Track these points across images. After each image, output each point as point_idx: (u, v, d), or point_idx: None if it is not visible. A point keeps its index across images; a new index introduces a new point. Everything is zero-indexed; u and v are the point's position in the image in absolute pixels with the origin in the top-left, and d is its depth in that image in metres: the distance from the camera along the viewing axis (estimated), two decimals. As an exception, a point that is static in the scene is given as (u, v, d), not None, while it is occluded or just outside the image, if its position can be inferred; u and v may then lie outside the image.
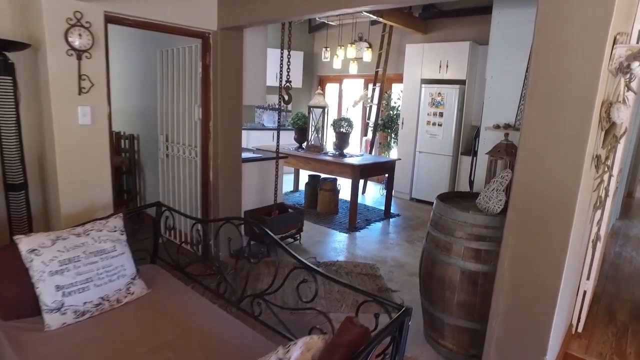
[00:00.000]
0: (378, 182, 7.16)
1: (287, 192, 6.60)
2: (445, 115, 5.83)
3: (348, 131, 5.16)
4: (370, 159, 5.16)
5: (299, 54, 8.04)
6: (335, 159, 4.95)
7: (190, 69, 3.70)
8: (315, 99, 5.42)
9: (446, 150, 5.89)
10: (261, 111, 8.32)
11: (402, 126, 6.38)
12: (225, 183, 3.73)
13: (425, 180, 6.15)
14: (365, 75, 7.68)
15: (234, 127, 3.72)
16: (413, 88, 6.18)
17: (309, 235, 4.57)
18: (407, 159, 6.33)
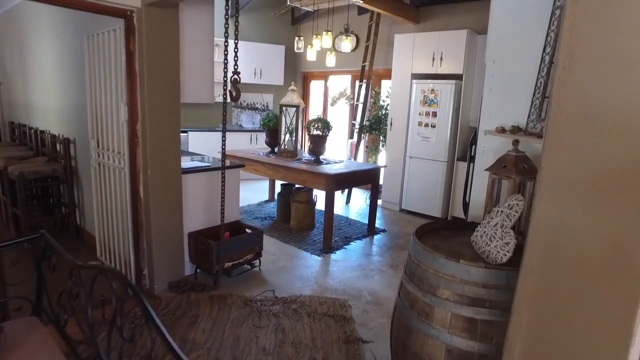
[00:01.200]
0: (366, 189, 6.41)
1: (260, 201, 5.85)
2: (439, 115, 5.08)
3: (324, 134, 4.41)
4: (350, 166, 4.42)
5: (279, 47, 7.31)
6: (308, 167, 4.20)
7: (115, 58, 2.96)
8: (288, 96, 4.67)
9: (440, 156, 5.14)
10: (239, 111, 7.57)
11: (390, 128, 5.63)
12: (159, 199, 2.99)
13: (417, 189, 5.41)
14: (352, 70, 6.93)
15: (169, 130, 2.98)
16: (403, 84, 5.43)
17: (273, 258, 3.82)
18: (396, 165, 5.58)
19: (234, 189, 3.55)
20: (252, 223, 4.85)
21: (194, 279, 3.31)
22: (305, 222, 4.68)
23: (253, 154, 4.96)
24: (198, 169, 3.29)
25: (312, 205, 4.70)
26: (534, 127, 1.79)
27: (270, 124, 4.87)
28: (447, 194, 5.22)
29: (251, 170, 4.80)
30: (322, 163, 4.44)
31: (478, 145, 2.25)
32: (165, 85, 2.87)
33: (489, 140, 2.15)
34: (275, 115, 4.88)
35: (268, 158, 4.68)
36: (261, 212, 5.34)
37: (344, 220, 5.13)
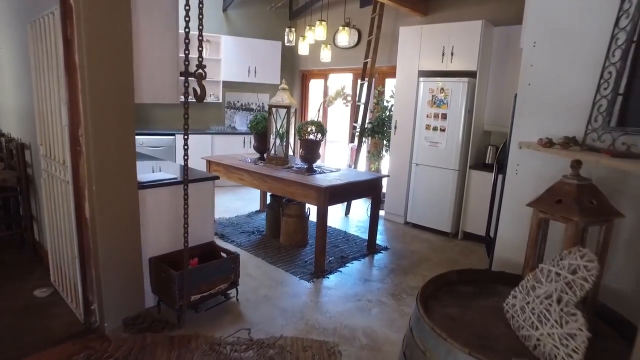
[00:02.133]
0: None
1: (251, 212, 5.31)
2: (449, 117, 4.50)
3: (318, 139, 3.86)
4: (347, 176, 3.85)
5: (275, 44, 6.77)
6: (297, 177, 3.65)
7: (56, 49, 2.43)
8: (278, 95, 4.13)
9: (450, 163, 4.56)
10: (232, 112, 7.04)
11: (394, 131, 5.06)
12: (109, 220, 2.45)
13: (424, 200, 4.83)
14: (354, 68, 6.37)
15: (120, 136, 2.44)
16: (408, 82, 4.85)
17: (255, 285, 3.28)
18: (401, 173, 5.01)
19: (207, 204, 3.01)
20: (238, 238, 4.31)
21: (157, 313, 2.78)
22: (297, 238, 4.13)
23: (240, 160, 4.42)
24: (161, 183, 2.75)
25: (304, 219, 4.15)
26: (598, 139, 1.23)
27: (258, 127, 4.33)
28: (458, 206, 4.63)
29: (236, 179, 4.26)
30: (315, 172, 3.88)
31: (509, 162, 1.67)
32: (113, 82, 2.34)
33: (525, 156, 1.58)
34: (265, 117, 4.34)
35: (255, 166, 4.13)
36: (250, 224, 4.80)
37: (341, 236, 4.57)
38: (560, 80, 1.48)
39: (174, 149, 6.15)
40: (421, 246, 4.38)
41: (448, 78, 4.49)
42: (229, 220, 4.90)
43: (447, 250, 4.32)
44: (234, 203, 5.69)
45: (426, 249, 4.32)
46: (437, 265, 3.89)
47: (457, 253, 4.24)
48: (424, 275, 3.64)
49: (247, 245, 4.13)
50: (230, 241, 4.21)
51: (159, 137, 6.05)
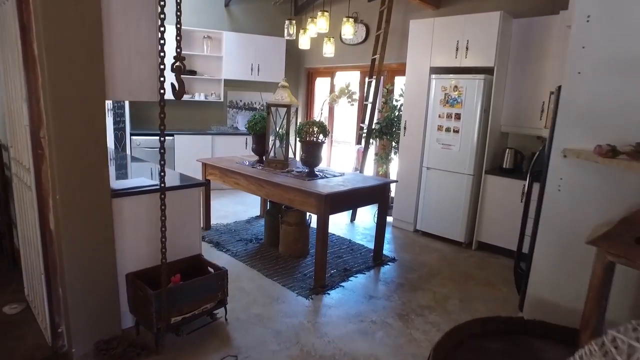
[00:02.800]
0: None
1: (251, 217, 5.00)
2: (464, 117, 4.15)
3: (319, 140, 3.53)
4: (351, 181, 3.53)
5: (279, 40, 6.46)
6: (297, 182, 3.33)
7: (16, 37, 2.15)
8: (278, 93, 3.82)
9: (464, 167, 4.20)
10: (235, 111, 6.76)
11: (404, 132, 4.72)
12: (78, 232, 2.16)
13: (435, 207, 4.47)
14: (361, 66, 6.04)
15: (89, 139, 2.15)
16: (419, 80, 4.51)
17: (247, 301, 2.97)
18: (411, 177, 4.66)
19: (193, 213, 2.71)
20: (234, 246, 4.01)
21: (135, 335, 2.49)
22: (297, 248, 3.81)
23: (237, 163, 4.12)
24: (139, 190, 2.45)
25: (305, 227, 3.83)
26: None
27: (256, 128, 4.02)
28: (473, 214, 4.27)
29: (232, 183, 3.96)
30: (317, 177, 3.56)
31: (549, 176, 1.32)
32: (80, 76, 2.05)
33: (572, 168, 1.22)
34: (263, 116, 4.03)
35: (252, 169, 3.82)
36: (248, 231, 4.49)
37: (345, 245, 4.24)
38: (626, 68, 1.13)
39: (172, 150, 5.89)
40: (432, 257, 4.04)
41: (462, 75, 4.14)
42: (226, 227, 4.60)
43: (460, 262, 3.97)
44: (233, 207, 5.40)
45: (437, 260, 3.97)
46: (449, 279, 3.54)
47: (471, 266, 3.88)
48: (435, 292, 3.30)
49: (242, 255, 3.83)
50: (225, 250, 3.91)
51: (157, 137, 5.76)
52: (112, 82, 2.19)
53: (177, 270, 2.57)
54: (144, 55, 2.28)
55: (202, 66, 6.32)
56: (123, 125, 5.51)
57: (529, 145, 4.22)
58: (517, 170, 4.11)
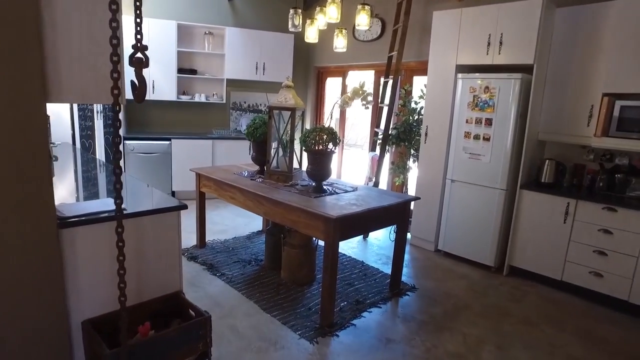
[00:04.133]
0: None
1: (252, 233, 4.50)
2: (496, 123, 3.59)
3: (329, 150, 3.01)
4: (366, 198, 2.99)
5: (287, 37, 5.96)
6: (301, 200, 2.81)
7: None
8: (281, 94, 3.31)
9: (496, 180, 3.64)
10: (238, 114, 6.27)
11: (425, 139, 4.16)
12: (10, 272, 1.67)
13: (461, 225, 3.91)
14: (376, 64, 5.50)
15: (23, 154, 1.65)
16: (443, 80, 3.96)
17: (239, 347, 2.45)
18: (432, 190, 4.11)
19: (171, 242, 2.20)
20: (231, 269, 3.51)
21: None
22: (301, 274, 3.29)
23: (234, 174, 3.62)
24: (96, 218, 1.95)
25: (311, 250, 3.31)
26: None
27: (256, 134, 3.51)
28: (504, 235, 3.71)
29: (228, 198, 3.45)
30: (325, 193, 3.04)
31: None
32: (6, 74, 1.55)
33: None
34: (264, 121, 3.52)
35: (250, 183, 3.31)
36: (248, 250, 3.99)
37: (357, 268, 3.70)
38: None
39: (169, 155, 5.43)
40: (458, 285, 3.48)
41: (495, 74, 3.58)
42: (223, 245, 4.10)
43: (491, 291, 3.41)
44: (234, 221, 4.90)
45: (464, 289, 3.42)
46: (481, 316, 2.99)
47: (505, 297, 3.32)
48: (465, 333, 2.75)
49: (239, 281, 3.32)
50: (219, 274, 3.41)
51: (152, 142, 5.33)
52: (57, 81, 1.69)
53: (150, 312, 2.08)
54: (95, 52, 1.77)
55: (202, 65, 5.84)
56: (115, 129, 5.04)
57: (571, 155, 3.64)
58: (557, 185, 3.54)
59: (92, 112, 4.63)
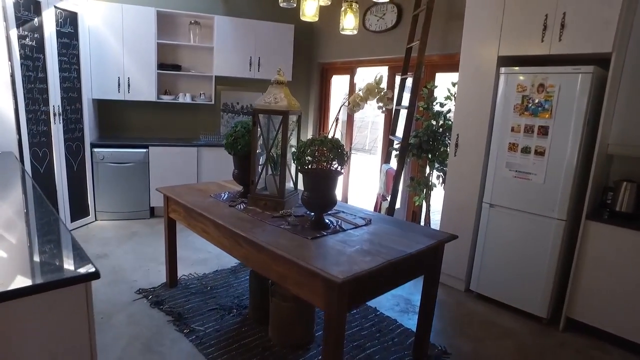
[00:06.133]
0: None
1: (238, 264, 3.66)
2: (554, 131, 2.73)
3: (334, 170, 2.16)
4: (385, 239, 2.14)
5: (286, 28, 5.14)
6: (293, 245, 1.96)
7: None
8: (270, 93, 2.48)
9: (553, 208, 2.77)
10: (230, 116, 5.45)
11: (455, 151, 3.31)
12: None
13: (503, 262, 3.05)
14: (390, 59, 4.65)
15: None
16: (480, 76, 3.10)
17: None
18: (463, 216, 3.25)
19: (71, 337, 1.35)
20: (204, 322, 2.68)
21: None
22: (295, 334, 2.45)
23: (211, 196, 2.79)
24: None
25: (307, 306, 2.46)
26: None
27: (237, 146, 2.68)
28: (562, 278, 2.84)
29: (199, 231, 2.62)
30: (328, 229, 2.19)
31: None
32: None
33: None
34: (247, 127, 2.69)
35: (228, 211, 2.48)
36: (231, 290, 3.15)
37: (369, 320, 2.85)
38: None
39: (146, 165, 4.61)
40: (503, 347, 2.62)
41: (554, 67, 2.71)
42: (201, 282, 3.27)
43: (548, 356, 2.54)
44: (219, 246, 4.05)
45: (512, 353, 2.56)
46: (545, 405, 2.12)
47: (570, 368, 2.46)
48: None
49: (212, 341, 2.49)
50: (188, 331, 2.57)
51: (127, 149, 4.52)
52: None
53: None
54: None
55: (187, 59, 5.03)
56: (80, 134, 4.25)
57: (653, 175, 2.77)
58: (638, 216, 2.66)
59: (48, 115, 3.83)
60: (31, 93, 3.63)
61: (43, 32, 3.69)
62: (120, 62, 4.50)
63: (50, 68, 3.78)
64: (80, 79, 4.17)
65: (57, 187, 3.99)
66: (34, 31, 3.61)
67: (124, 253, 3.77)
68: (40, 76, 3.71)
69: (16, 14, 3.41)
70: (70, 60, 4.03)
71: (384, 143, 4.85)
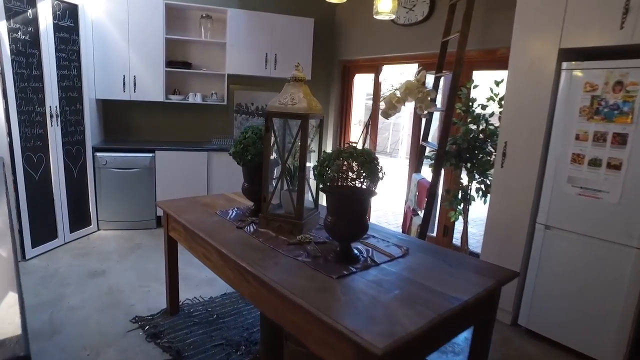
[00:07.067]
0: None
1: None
2: (634, 140, 2.22)
3: (365, 189, 1.71)
4: (426, 275, 1.69)
5: (305, 22, 4.71)
6: (311, 289, 1.53)
7: None
8: (286, 92, 2.05)
9: (630, 233, 2.26)
10: (244, 118, 5.06)
11: (501, 161, 2.82)
12: None
13: (562, 295, 2.55)
14: (421, 55, 4.17)
15: None
16: (535, 73, 2.60)
17: None
18: (511, 238, 2.76)
19: None
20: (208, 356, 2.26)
21: None
22: (313, 387, 2.00)
23: (217, 213, 2.38)
24: None
25: (329, 349, 2.01)
26: None
27: (247, 156, 2.25)
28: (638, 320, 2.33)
29: (201, 256, 2.21)
30: (357, 264, 1.74)
31: None
32: None
33: None
34: (259, 133, 2.26)
35: (235, 235, 2.06)
36: (240, 320, 2.74)
37: None
38: None
39: (152, 171, 4.24)
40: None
41: (636, 60, 2.21)
42: (206, 308, 2.86)
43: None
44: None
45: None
46: None
47: None
48: None
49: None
50: (185, 375, 2.16)
51: (131, 154, 4.16)
52: None
53: None
54: None
55: (198, 56, 4.66)
56: (81, 137, 3.91)
57: None
58: None
59: (44, 117, 3.48)
60: (24, 92, 3.29)
61: (38, 25, 3.35)
62: (125, 59, 4.15)
63: (46, 65, 3.44)
64: (81, 78, 3.82)
65: (55, 195, 3.65)
66: (28, 24, 3.27)
67: (124, 270, 3.40)
68: (35, 74, 3.37)
69: (6, 4, 3.07)
70: (69, 56, 3.69)
71: (412, 149, 4.37)
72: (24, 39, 3.25)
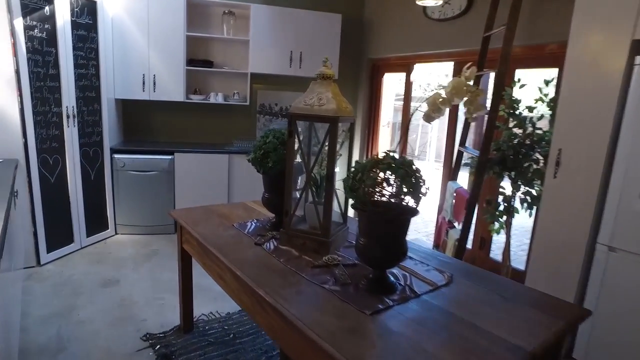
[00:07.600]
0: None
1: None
2: None
3: (404, 207, 1.44)
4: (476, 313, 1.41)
5: (332, 18, 4.46)
6: (339, 328, 1.27)
7: None
8: (312, 92, 1.79)
9: None
10: (267, 119, 4.84)
11: (554, 170, 2.47)
12: None
13: (631, 330, 2.20)
14: (459, 53, 3.85)
15: None
16: (597, 70, 2.26)
17: None
18: (566, 258, 2.42)
19: None
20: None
21: None
22: None
23: (235, 226, 2.15)
24: None
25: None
26: None
27: (267, 163, 2.01)
28: None
29: (215, 276, 1.98)
30: (393, 293, 1.47)
31: None
32: None
33: None
34: (281, 138, 2.01)
35: (252, 253, 1.82)
36: (258, 340, 2.50)
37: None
38: None
39: (171, 174, 4.07)
40: None
41: None
42: (222, 325, 2.64)
43: None
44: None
45: None
46: None
47: None
48: None
49: None
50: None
51: (150, 156, 4.00)
52: None
53: None
54: None
55: (220, 54, 4.47)
56: (99, 139, 3.77)
57: None
58: None
59: (60, 117, 3.35)
60: (40, 92, 3.16)
61: (55, 22, 3.21)
62: (145, 58, 4.00)
63: (63, 64, 3.31)
64: (99, 77, 3.68)
65: (71, 198, 3.52)
66: (45, 21, 3.14)
67: (139, 279, 3.23)
68: (51, 73, 3.24)
69: (22, 1, 2.94)
70: (87, 55, 3.55)
71: (446, 154, 4.04)
72: (41, 37, 3.12)
